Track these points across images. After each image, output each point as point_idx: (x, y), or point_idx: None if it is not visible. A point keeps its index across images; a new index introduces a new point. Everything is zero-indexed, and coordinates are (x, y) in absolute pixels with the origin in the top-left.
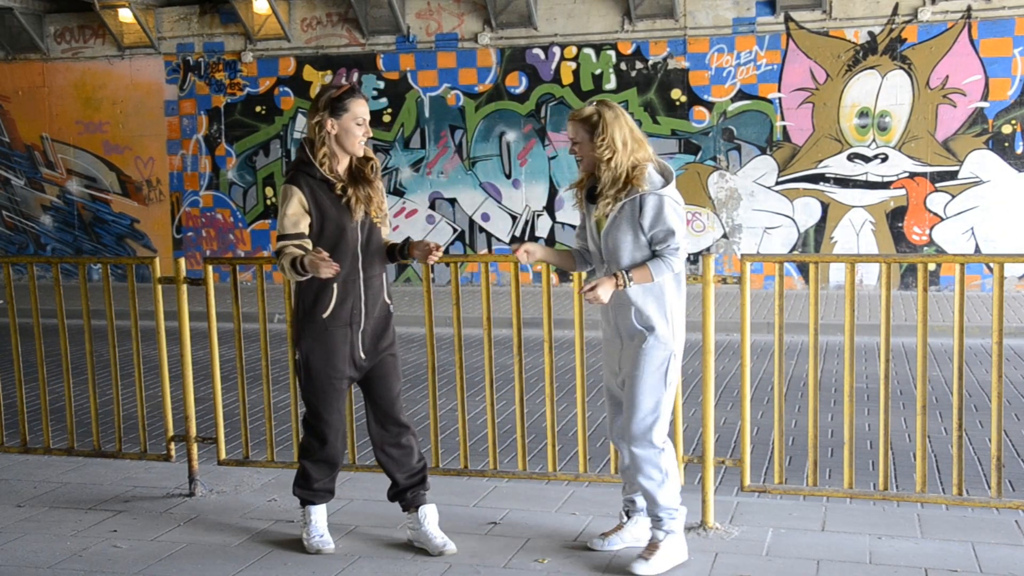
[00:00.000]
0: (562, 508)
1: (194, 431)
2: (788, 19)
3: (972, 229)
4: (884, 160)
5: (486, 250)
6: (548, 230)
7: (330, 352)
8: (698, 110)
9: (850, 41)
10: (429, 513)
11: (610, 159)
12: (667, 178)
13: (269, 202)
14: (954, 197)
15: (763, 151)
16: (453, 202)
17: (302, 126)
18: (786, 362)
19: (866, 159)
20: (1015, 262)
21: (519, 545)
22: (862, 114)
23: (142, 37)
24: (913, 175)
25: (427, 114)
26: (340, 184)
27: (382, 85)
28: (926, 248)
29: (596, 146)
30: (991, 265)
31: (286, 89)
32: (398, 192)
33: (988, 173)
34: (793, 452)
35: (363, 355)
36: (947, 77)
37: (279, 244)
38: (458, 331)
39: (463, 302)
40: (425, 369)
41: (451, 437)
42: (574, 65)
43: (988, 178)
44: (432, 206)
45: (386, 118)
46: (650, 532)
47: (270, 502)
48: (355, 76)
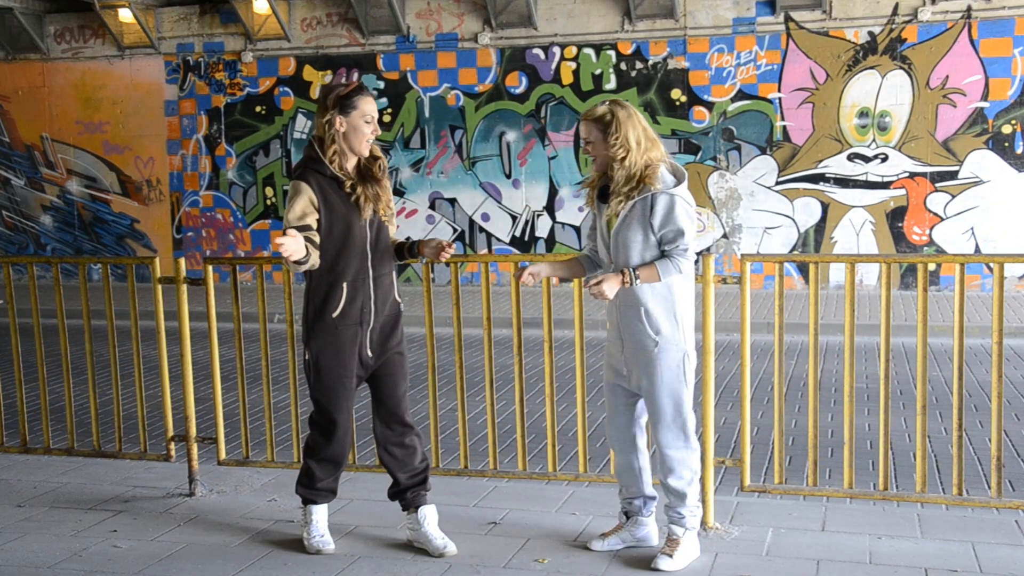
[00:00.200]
0: (562, 508)
1: (194, 431)
2: (788, 19)
3: (972, 229)
4: (884, 160)
5: (486, 250)
6: (548, 230)
7: (340, 351)
8: (698, 110)
9: (850, 41)
10: (429, 514)
11: (624, 158)
12: (679, 178)
13: (269, 202)
14: (954, 197)
15: (763, 151)
16: (453, 202)
17: (302, 126)
18: (786, 362)
19: (866, 159)
20: (1015, 262)
21: (519, 545)
22: (862, 114)
23: (142, 37)
24: (913, 175)
25: (427, 114)
26: (349, 182)
27: (382, 85)
28: (926, 248)
29: (610, 145)
30: (991, 265)
31: (286, 89)
32: (398, 192)
33: (988, 173)
34: (793, 452)
35: (370, 353)
36: (947, 77)
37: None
38: (458, 331)
39: (463, 302)
40: (425, 369)
41: (451, 437)
42: (574, 65)
43: (988, 178)
44: (432, 206)
45: (386, 118)
46: (668, 528)
47: (270, 502)
48: (355, 76)
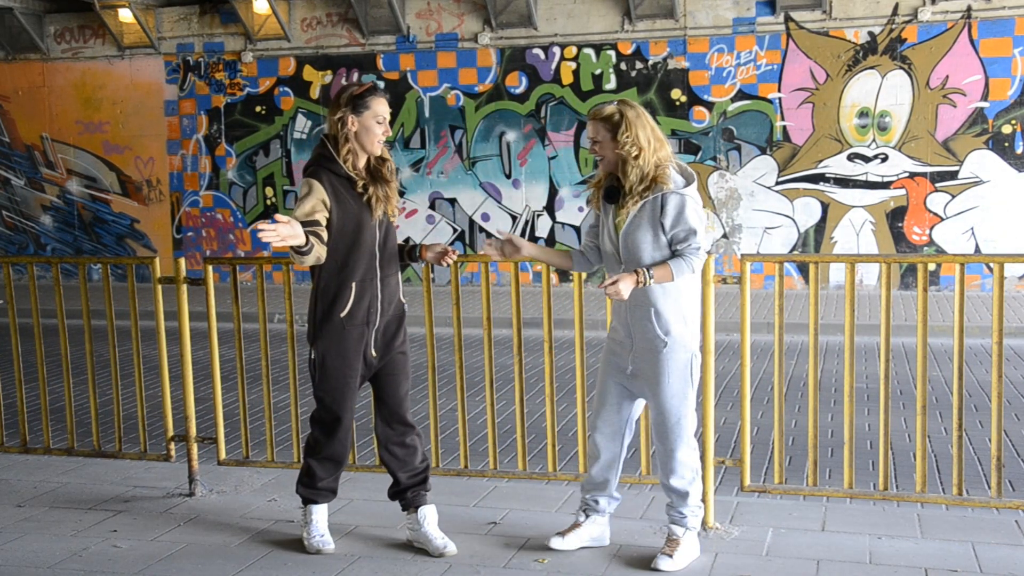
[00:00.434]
0: (562, 508)
1: (194, 431)
2: (788, 19)
3: (972, 229)
4: (884, 160)
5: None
6: (548, 230)
7: (346, 351)
8: (698, 110)
9: (850, 41)
10: (429, 514)
11: (637, 156)
12: (688, 179)
13: (269, 202)
14: (954, 197)
15: (763, 151)
16: (453, 202)
17: (302, 126)
18: (786, 362)
19: (866, 159)
20: (1015, 262)
21: (519, 545)
22: (862, 114)
23: (142, 37)
24: (913, 175)
25: (427, 114)
26: (362, 181)
27: (382, 85)
28: (926, 248)
29: (620, 144)
30: (991, 265)
31: (286, 89)
32: (398, 192)
33: (988, 173)
34: (793, 452)
35: (375, 353)
36: (947, 77)
37: None
38: (458, 331)
39: (463, 302)
40: (425, 369)
41: (451, 437)
42: (574, 65)
43: (988, 178)
44: (432, 206)
45: None
46: (669, 528)
47: (270, 502)
48: (355, 76)
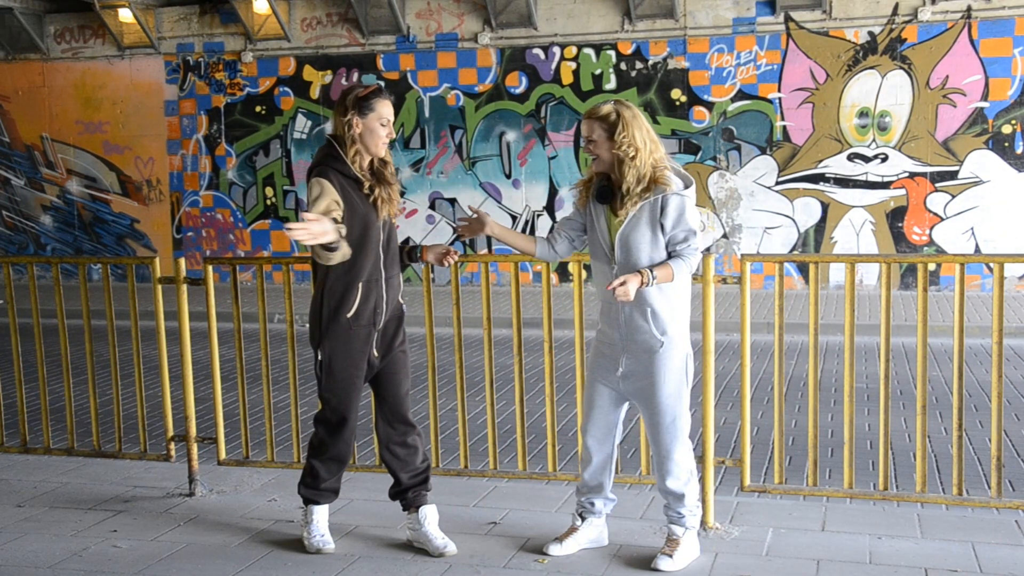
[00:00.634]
0: (562, 508)
1: (194, 431)
2: (788, 19)
3: (972, 229)
4: (884, 160)
5: (486, 250)
6: (548, 230)
7: (352, 352)
8: (698, 110)
9: (850, 41)
10: (429, 514)
11: (634, 157)
12: (686, 182)
13: (269, 202)
14: (954, 197)
15: (763, 151)
16: (453, 202)
17: (302, 126)
18: (786, 362)
19: (866, 159)
20: (1015, 262)
21: (519, 545)
22: (862, 114)
23: (142, 37)
24: (913, 175)
25: (427, 114)
26: (369, 183)
27: (382, 85)
28: (926, 248)
29: (617, 144)
30: (991, 265)
31: (286, 89)
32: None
33: (988, 173)
34: (793, 452)
35: (377, 353)
36: (947, 77)
37: None
38: (458, 331)
39: (463, 302)
40: (425, 369)
41: (451, 437)
42: (574, 65)
43: (988, 178)
44: (432, 206)
45: None
46: (668, 529)
47: (270, 502)
48: (355, 76)
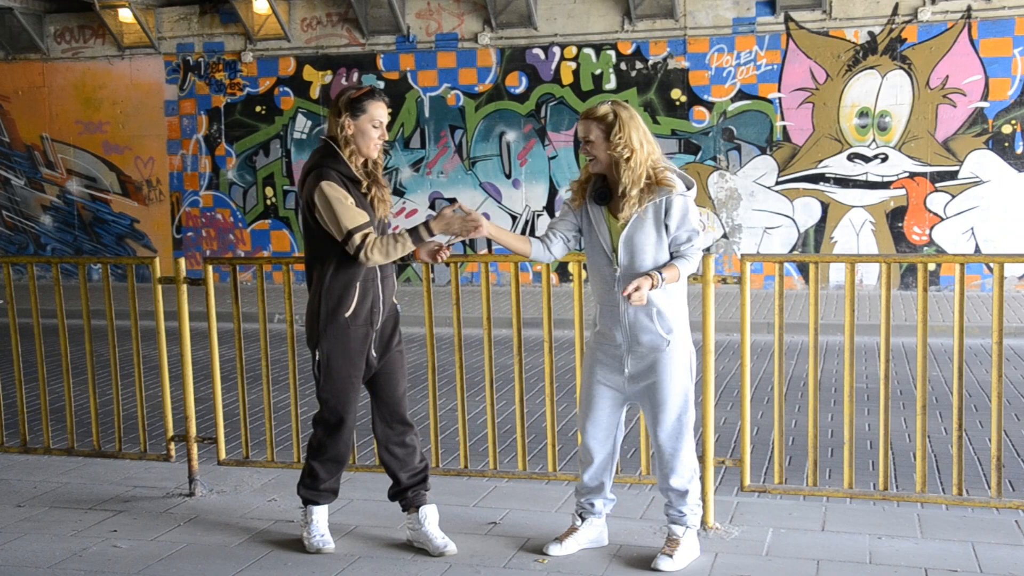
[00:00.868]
0: (562, 508)
1: (194, 431)
2: (788, 19)
3: (972, 229)
4: (884, 160)
5: (486, 250)
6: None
7: (351, 352)
8: (698, 110)
9: (850, 41)
10: (429, 513)
11: (629, 159)
12: (688, 184)
13: (269, 202)
14: (954, 197)
15: (763, 151)
16: (453, 202)
17: (302, 126)
18: (786, 362)
19: (866, 159)
20: (1015, 262)
21: (519, 545)
22: (862, 114)
23: (142, 37)
24: (913, 175)
25: (427, 114)
26: (366, 182)
27: (382, 85)
28: (926, 248)
29: (613, 145)
30: (991, 265)
31: (286, 89)
32: (398, 192)
33: (988, 173)
34: (793, 452)
35: (375, 354)
36: (947, 77)
37: (358, 237)
38: (458, 331)
39: (463, 302)
40: (425, 369)
41: (451, 437)
42: (574, 65)
43: (988, 178)
44: (432, 206)
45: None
46: (669, 528)
47: (270, 502)
48: (355, 76)
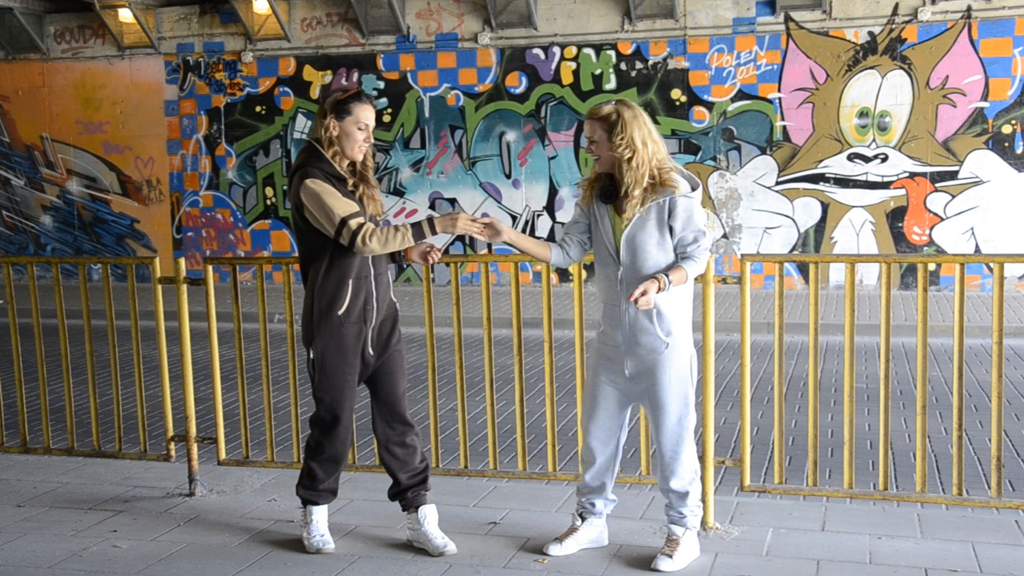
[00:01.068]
0: (562, 508)
1: (194, 431)
2: (788, 19)
3: (972, 229)
4: (884, 160)
5: (486, 250)
6: (548, 230)
7: (345, 349)
8: (698, 110)
9: (850, 41)
10: (429, 513)
11: (631, 158)
12: (693, 184)
13: (269, 202)
14: (954, 197)
15: (763, 151)
16: (453, 202)
17: (302, 126)
18: (786, 362)
19: (866, 159)
20: (1015, 262)
21: (519, 545)
22: (862, 114)
23: (142, 37)
24: (913, 175)
25: (427, 114)
26: (352, 180)
27: (382, 85)
28: (926, 248)
29: (615, 145)
30: (991, 265)
31: (286, 89)
32: (398, 192)
33: (988, 173)
34: (793, 452)
35: (372, 352)
36: (947, 77)
37: (353, 223)
38: (458, 331)
39: (463, 302)
40: (425, 369)
41: (451, 437)
42: (574, 65)
43: (988, 178)
44: (432, 206)
45: (386, 118)
46: (668, 529)
47: (270, 502)
48: (355, 76)
